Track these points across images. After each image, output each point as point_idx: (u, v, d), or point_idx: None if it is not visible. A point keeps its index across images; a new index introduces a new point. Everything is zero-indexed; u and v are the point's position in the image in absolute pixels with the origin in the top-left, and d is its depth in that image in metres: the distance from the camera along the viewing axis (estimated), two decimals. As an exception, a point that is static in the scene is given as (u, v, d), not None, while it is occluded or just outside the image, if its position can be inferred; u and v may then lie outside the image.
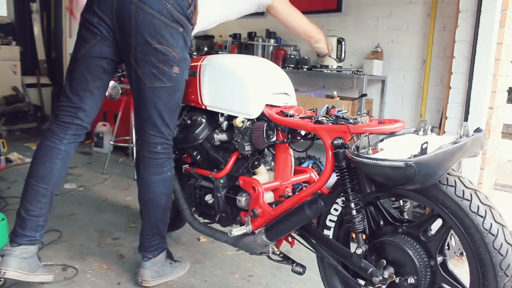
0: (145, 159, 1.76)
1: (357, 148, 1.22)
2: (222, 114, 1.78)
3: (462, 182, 1.19)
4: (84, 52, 1.69)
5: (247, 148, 1.69)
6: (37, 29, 5.54)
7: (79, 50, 1.70)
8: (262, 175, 1.75)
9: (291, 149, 1.73)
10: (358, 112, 2.87)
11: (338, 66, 3.16)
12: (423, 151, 1.09)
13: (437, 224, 1.27)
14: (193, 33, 1.77)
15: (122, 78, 2.45)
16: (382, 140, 1.30)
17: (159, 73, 1.64)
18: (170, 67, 1.64)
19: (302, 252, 1.73)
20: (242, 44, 3.66)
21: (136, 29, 1.59)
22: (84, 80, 1.71)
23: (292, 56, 3.32)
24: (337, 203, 1.49)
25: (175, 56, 1.64)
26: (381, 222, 1.39)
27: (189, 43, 1.71)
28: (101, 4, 1.63)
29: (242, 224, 1.70)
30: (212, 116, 1.82)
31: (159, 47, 1.61)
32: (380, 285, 1.28)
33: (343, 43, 3.11)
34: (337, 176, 1.42)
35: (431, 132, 1.33)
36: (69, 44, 5.34)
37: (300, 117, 1.59)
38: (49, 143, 1.72)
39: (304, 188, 1.68)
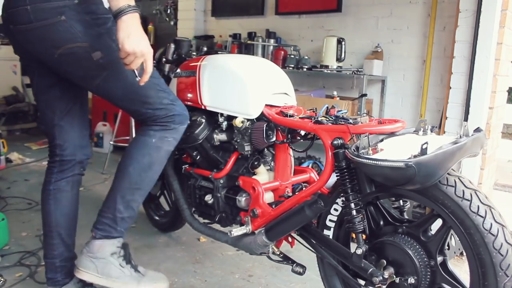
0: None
1: (357, 148, 1.22)
2: (221, 114, 1.78)
3: (462, 182, 1.18)
4: (35, 91, 1.63)
5: (247, 148, 1.69)
6: (37, 29, 5.53)
7: (33, 93, 1.65)
8: (262, 175, 1.75)
9: (291, 149, 1.73)
10: (358, 112, 2.87)
11: (338, 66, 3.16)
12: (423, 152, 1.09)
13: (437, 224, 1.27)
14: None
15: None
16: (382, 140, 1.30)
17: (88, 72, 1.44)
18: (88, 59, 1.39)
19: (302, 252, 1.73)
20: (242, 44, 3.66)
21: (35, 51, 1.44)
22: (46, 117, 1.63)
23: (292, 56, 3.32)
24: (337, 203, 1.48)
25: (82, 47, 1.37)
26: (381, 222, 1.39)
27: (85, 16, 1.36)
28: (14, 48, 1.54)
29: (242, 224, 1.70)
30: (212, 116, 1.82)
31: (61, 51, 1.38)
32: (380, 285, 1.28)
33: (343, 43, 3.11)
34: (337, 176, 1.42)
35: (431, 132, 1.33)
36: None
37: (300, 117, 1.59)
38: (43, 186, 1.69)
39: (304, 188, 1.68)
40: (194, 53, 2.11)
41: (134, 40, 1.26)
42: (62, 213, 1.68)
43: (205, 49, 2.14)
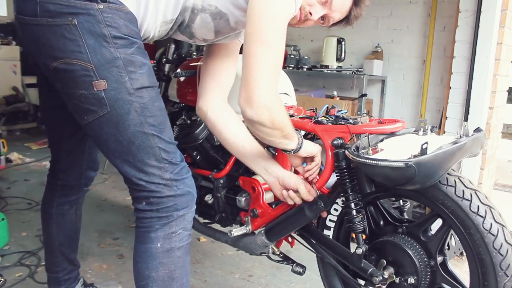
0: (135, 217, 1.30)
1: (357, 148, 1.22)
2: (222, 114, 1.77)
3: (462, 182, 1.18)
4: (43, 107, 1.46)
5: (247, 148, 1.69)
6: (37, 29, 5.53)
7: (40, 108, 1.48)
8: (262, 175, 1.74)
9: (291, 149, 1.72)
10: (358, 112, 2.87)
11: (338, 66, 3.17)
12: (423, 152, 1.09)
13: (437, 224, 1.27)
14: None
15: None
16: (382, 140, 1.30)
17: (82, 102, 1.10)
18: (88, 86, 1.08)
19: (302, 252, 1.73)
20: (242, 44, 3.66)
21: (32, 54, 1.17)
22: (52, 138, 1.49)
23: (292, 56, 3.32)
24: (337, 203, 1.48)
25: (85, 68, 1.06)
26: (381, 222, 1.39)
27: (104, 29, 1.06)
28: (23, 45, 1.24)
29: (242, 224, 1.70)
30: (212, 116, 1.81)
31: (56, 65, 1.08)
32: (380, 285, 1.28)
33: (343, 43, 3.12)
34: (337, 176, 1.42)
35: (431, 132, 1.33)
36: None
37: (299, 117, 1.59)
38: (44, 207, 1.60)
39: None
40: (195, 53, 2.11)
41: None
42: (65, 235, 1.61)
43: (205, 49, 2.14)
